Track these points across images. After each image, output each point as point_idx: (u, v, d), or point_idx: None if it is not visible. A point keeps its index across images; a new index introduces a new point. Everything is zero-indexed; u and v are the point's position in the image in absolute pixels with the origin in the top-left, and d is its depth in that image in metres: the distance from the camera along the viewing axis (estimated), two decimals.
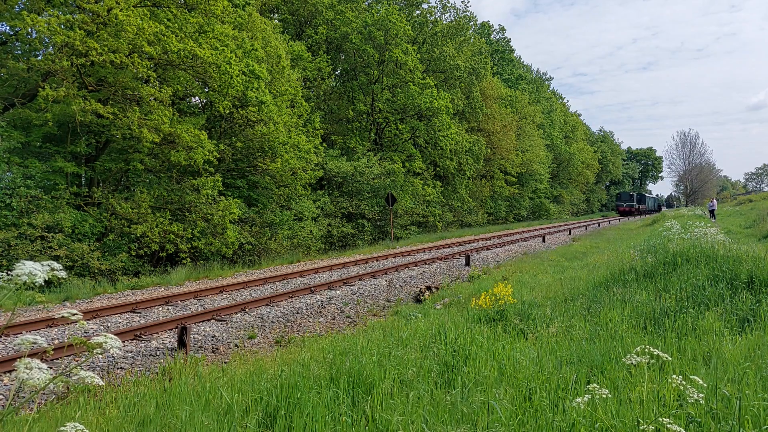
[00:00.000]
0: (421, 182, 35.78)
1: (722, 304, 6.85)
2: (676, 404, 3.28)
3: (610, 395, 2.84)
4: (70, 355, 7.74)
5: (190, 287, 14.39)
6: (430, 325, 7.47)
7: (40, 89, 14.73)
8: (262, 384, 4.73)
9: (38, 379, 1.65)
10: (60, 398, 6.35)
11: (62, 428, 1.66)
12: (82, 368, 1.77)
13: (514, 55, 64.53)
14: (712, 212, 36.93)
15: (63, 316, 1.81)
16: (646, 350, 3.15)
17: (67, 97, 15.13)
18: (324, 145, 29.66)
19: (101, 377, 7.31)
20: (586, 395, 2.87)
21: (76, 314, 1.81)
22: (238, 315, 10.92)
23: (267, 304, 11.94)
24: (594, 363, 4.95)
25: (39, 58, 16.19)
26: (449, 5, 41.72)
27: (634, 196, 74.45)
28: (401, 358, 5.23)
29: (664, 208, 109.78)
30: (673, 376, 2.92)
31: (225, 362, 7.87)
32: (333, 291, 13.82)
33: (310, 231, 24.81)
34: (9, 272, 1.72)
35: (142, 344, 8.73)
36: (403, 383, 4.54)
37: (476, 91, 41.99)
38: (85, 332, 9.34)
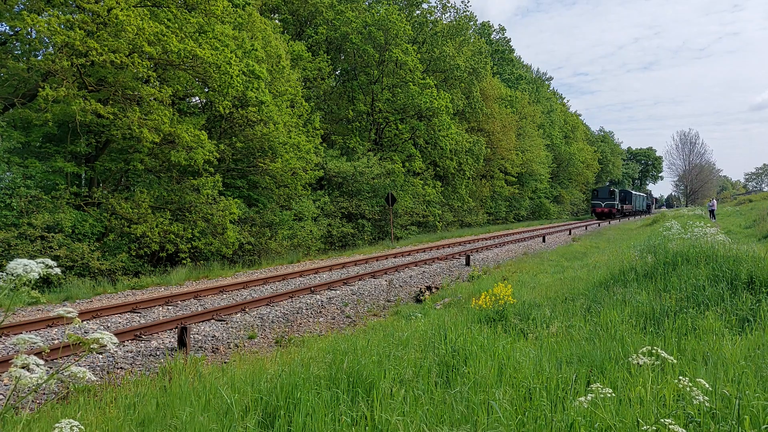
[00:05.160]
0: (421, 182, 35.78)
1: (722, 304, 6.85)
2: (676, 405, 3.28)
3: (612, 395, 2.84)
4: (69, 355, 7.74)
5: (190, 287, 14.39)
6: (430, 325, 7.47)
7: (40, 89, 14.73)
8: (262, 384, 4.72)
9: (33, 377, 1.64)
10: (60, 398, 6.35)
11: (57, 425, 1.66)
12: (79, 365, 1.77)
13: (515, 55, 64.56)
14: (711, 212, 36.94)
15: (59, 314, 1.81)
16: (652, 351, 3.15)
17: (67, 97, 15.13)
18: (324, 145, 29.67)
19: (101, 377, 7.31)
20: (589, 395, 2.87)
21: (71, 312, 1.81)
22: (238, 315, 10.92)
23: (267, 304, 11.94)
24: (594, 363, 4.95)
25: (39, 58, 16.20)
26: (449, 5, 41.77)
27: (615, 193, 58.57)
28: (401, 358, 5.23)
29: (663, 208, 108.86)
30: (680, 377, 2.92)
31: (225, 362, 7.87)
32: (333, 291, 13.81)
33: (310, 231, 24.81)
34: (5, 272, 1.71)
35: (142, 344, 8.72)
36: (403, 383, 4.53)
37: (476, 91, 41.99)
38: (85, 332, 9.35)
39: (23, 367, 1.66)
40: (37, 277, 1.69)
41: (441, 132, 35.59)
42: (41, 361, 1.71)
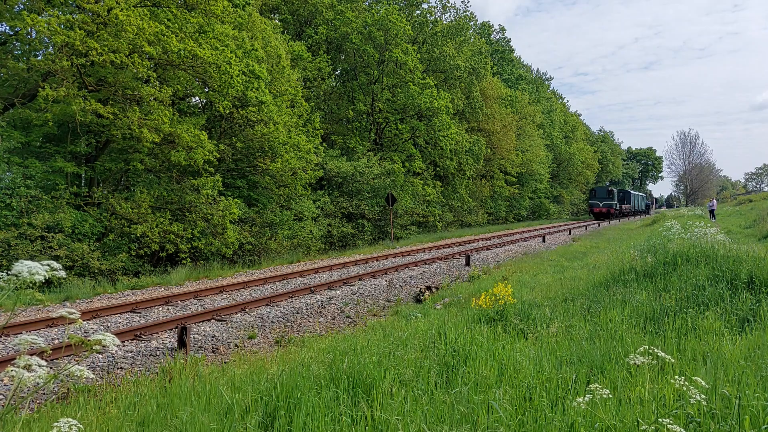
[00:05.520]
0: (421, 182, 35.78)
1: (722, 304, 6.85)
2: (675, 404, 3.28)
3: (610, 395, 2.84)
4: (69, 355, 7.75)
5: (190, 287, 14.39)
6: (430, 325, 7.47)
7: (40, 89, 14.73)
8: (262, 384, 4.73)
9: (33, 377, 1.65)
10: (60, 398, 6.36)
11: (56, 424, 1.66)
12: (79, 365, 1.77)
13: (515, 54, 64.55)
14: (711, 212, 36.95)
15: (61, 315, 1.82)
16: (650, 351, 3.16)
17: (67, 97, 15.13)
18: (324, 145, 29.67)
19: (101, 377, 7.31)
20: (587, 395, 2.87)
21: (74, 313, 1.82)
22: (238, 315, 10.92)
23: (267, 304, 11.94)
24: (594, 363, 4.95)
25: (39, 58, 16.20)
26: (449, 5, 41.73)
27: (613, 192, 56.79)
28: (401, 358, 5.23)
29: (663, 208, 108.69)
30: (676, 377, 2.92)
31: (225, 362, 7.87)
32: (333, 291, 13.82)
33: (310, 231, 24.81)
34: (8, 272, 1.72)
35: (142, 344, 8.72)
36: (403, 383, 4.54)
37: (476, 91, 42.00)
38: (85, 332, 9.35)
39: (25, 368, 1.66)
40: (42, 280, 1.70)
41: (441, 132, 35.59)
42: (43, 362, 1.71)
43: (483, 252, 23.69)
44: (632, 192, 68.66)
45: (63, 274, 1.72)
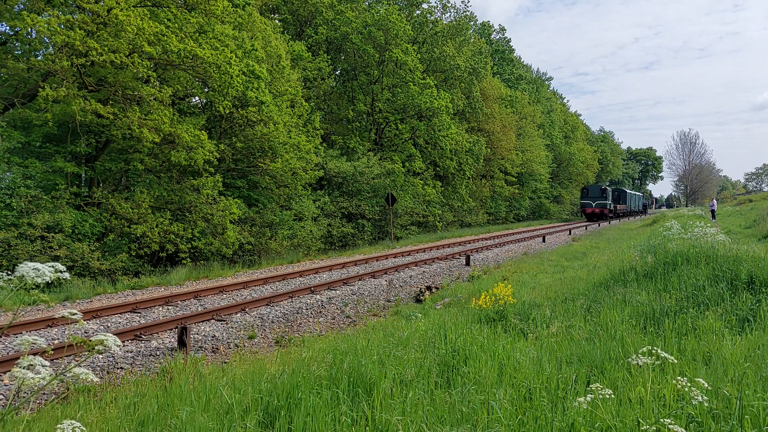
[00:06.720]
0: (421, 182, 35.78)
1: (722, 304, 6.85)
2: (676, 405, 3.29)
3: (612, 395, 2.84)
4: (70, 355, 7.75)
5: (190, 287, 14.39)
6: (430, 325, 7.47)
7: (40, 89, 14.72)
8: (262, 384, 4.73)
9: (37, 378, 1.65)
10: (61, 398, 6.36)
11: (59, 426, 1.66)
12: (80, 366, 1.77)
13: (515, 54, 64.55)
14: (713, 212, 36.99)
15: (63, 316, 1.82)
16: (653, 351, 3.16)
17: (67, 97, 15.13)
18: (324, 145, 29.67)
19: (101, 377, 7.31)
20: (588, 395, 2.87)
21: (76, 314, 1.81)
22: (238, 315, 10.92)
23: (267, 304, 11.94)
24: (594, 363, 4.95)
25: (39, 58, 16.19)
26: (449, 5, 41.72)
27: (607, 191, 52.91)
28: (401, 358, 5.23)
29: (663, 208, 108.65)
30: (678, 377, 2.92)
31: (225, 362, 7.87)
32: (333, 291, 13.82)
33: (310, 231, 24.81)
34: (10, 273, 1.72)
35: (142, 344, 8.72)
36: (403, 383, 4.54)
37: (476, 91, 41.99)
38: (85, 332, 9.35)
39: (28, 369, 1.66)
40: (47, 282, 1.70)
41: (441, 132, 35.59)
42: (47, 363, 1.71)
43: (483, 252, 23.68)
44: (628, 191, 65.78)
45: (67, 276, 1.72)
